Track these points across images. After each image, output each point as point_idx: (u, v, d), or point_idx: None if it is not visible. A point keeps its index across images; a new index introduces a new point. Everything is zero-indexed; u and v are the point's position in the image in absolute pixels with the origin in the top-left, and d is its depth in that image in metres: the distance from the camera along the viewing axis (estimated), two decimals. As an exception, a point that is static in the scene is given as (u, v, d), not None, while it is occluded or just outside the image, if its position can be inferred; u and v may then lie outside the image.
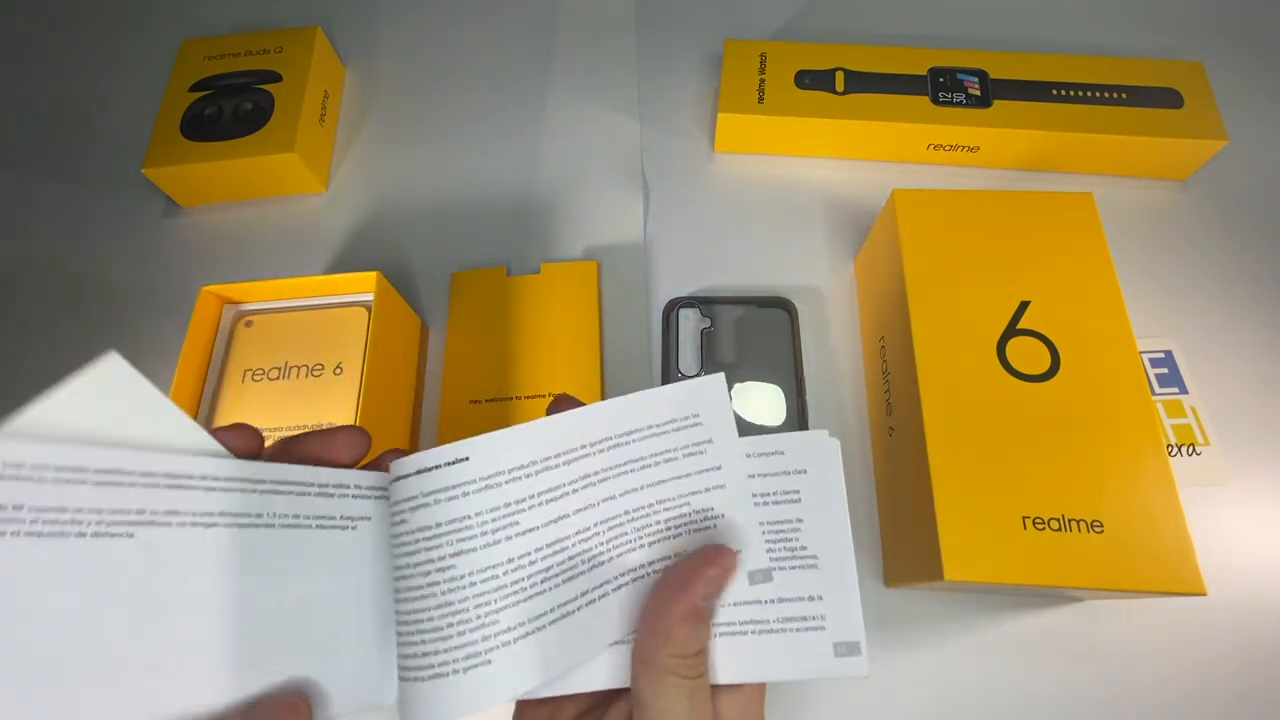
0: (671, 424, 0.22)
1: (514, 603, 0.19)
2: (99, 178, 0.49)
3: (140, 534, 0.16)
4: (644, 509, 0.21)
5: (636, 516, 0.21)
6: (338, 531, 0.19)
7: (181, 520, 0.16)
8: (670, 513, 0.22)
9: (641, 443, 0.22)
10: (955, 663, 0.33)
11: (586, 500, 0.21)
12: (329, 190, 0.48)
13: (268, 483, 0.18)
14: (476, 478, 0.20)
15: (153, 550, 0.16)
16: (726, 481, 0.22)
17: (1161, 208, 0.44)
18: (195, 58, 0.48)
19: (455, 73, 0.51)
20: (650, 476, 0.22)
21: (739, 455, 0.22)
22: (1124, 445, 0.30)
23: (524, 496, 0.20)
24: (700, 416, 0.22)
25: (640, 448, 0.22)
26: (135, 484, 0.16)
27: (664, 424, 0.22)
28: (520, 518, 0.20)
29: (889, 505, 0.35)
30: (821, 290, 0.42)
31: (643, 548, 0.21)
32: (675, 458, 0.22)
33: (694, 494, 0.22)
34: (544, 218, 0.45)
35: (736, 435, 0.23)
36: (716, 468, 0.22)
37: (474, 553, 0.19)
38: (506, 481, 0.20)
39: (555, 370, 0.39)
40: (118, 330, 0.44)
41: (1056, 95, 0.43)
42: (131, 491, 0.16)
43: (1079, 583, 0.28)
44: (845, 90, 0.44)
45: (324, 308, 0.38)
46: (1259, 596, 0.34)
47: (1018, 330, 0.32)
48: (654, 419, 0.22)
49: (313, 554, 0.19)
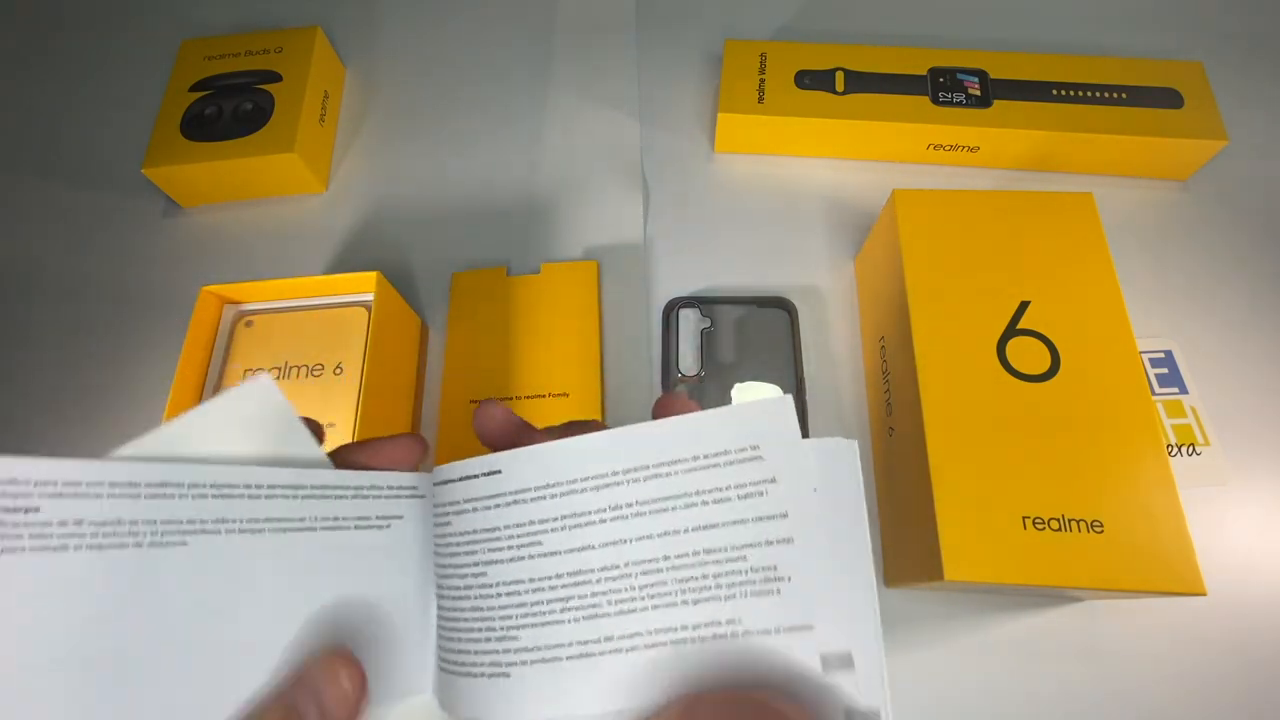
0: (724, 456, 0.18)
1: (532, 624, 0.19)
2: (99, 178, 0.49)
3: (193, 542, 0.17)
4: (687, 557, 0.18)
5: (679, 565, 0.18)
6: (374, 531, 0.20)
7: (230, 528, 0.18)
8: (721, 567, 0.18)
9: (685, 476, 0.19)
10: (955, 663, 0.33)
11: (615, 535, 0.19)
12: (329, 190, 0.48)
13: (307, 488, 0.19)
14: (507, 491, 0.20)
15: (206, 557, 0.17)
16: (795, 535, 0.18)
17: (1161, 208, 0.44)
18: (195, 58, 0.48)
19: (455, 73, 0.51)
20: (695, 519, 0.18)
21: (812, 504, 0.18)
22: (1124, 445, 0.30)
23: (547, 517, 0.19)
24: (761, 449, 0.18)
25: (682, 482, 0.19)
26: (184, 495, 0.17)
27: (714, 455, 0.19)
28: (544, 538, 0.19)
29: (889, 505, 0.35)
30: (821, 290, 0.42)
31: (686, 605, 0.18)
32: (728, 498, 0.18)
33: (752, 547, 0.18)
34: (544, 218, 0.45)
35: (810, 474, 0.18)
36: (781, 515, 0.18)
37: (502, 564, 0.19)
38: (532, 499, 0.20)
39: (555, 370, 0.39)
40: (118, 330, 0.44)
41: (1056, 95, 0.43)
42: (183, 503, 0.17)
43: (1079, 583, 0.28)
44: (845, 90, 0.44)
45: (324, 308, 0.38)
46: (1259, 596, 0.34)
47: (1018, 330, 0.32)
48: (702, 448, 0.19)
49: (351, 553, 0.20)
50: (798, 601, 0.17)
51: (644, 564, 0.18)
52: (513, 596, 0.19)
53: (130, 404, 0.41)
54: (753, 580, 0.18)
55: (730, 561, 0.18)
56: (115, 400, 0.42)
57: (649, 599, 0.18)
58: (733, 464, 0.18)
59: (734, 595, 0.18)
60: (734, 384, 0.39)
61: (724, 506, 0.18)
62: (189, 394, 0.36)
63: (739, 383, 0.39)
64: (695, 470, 0.19)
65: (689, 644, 0.18)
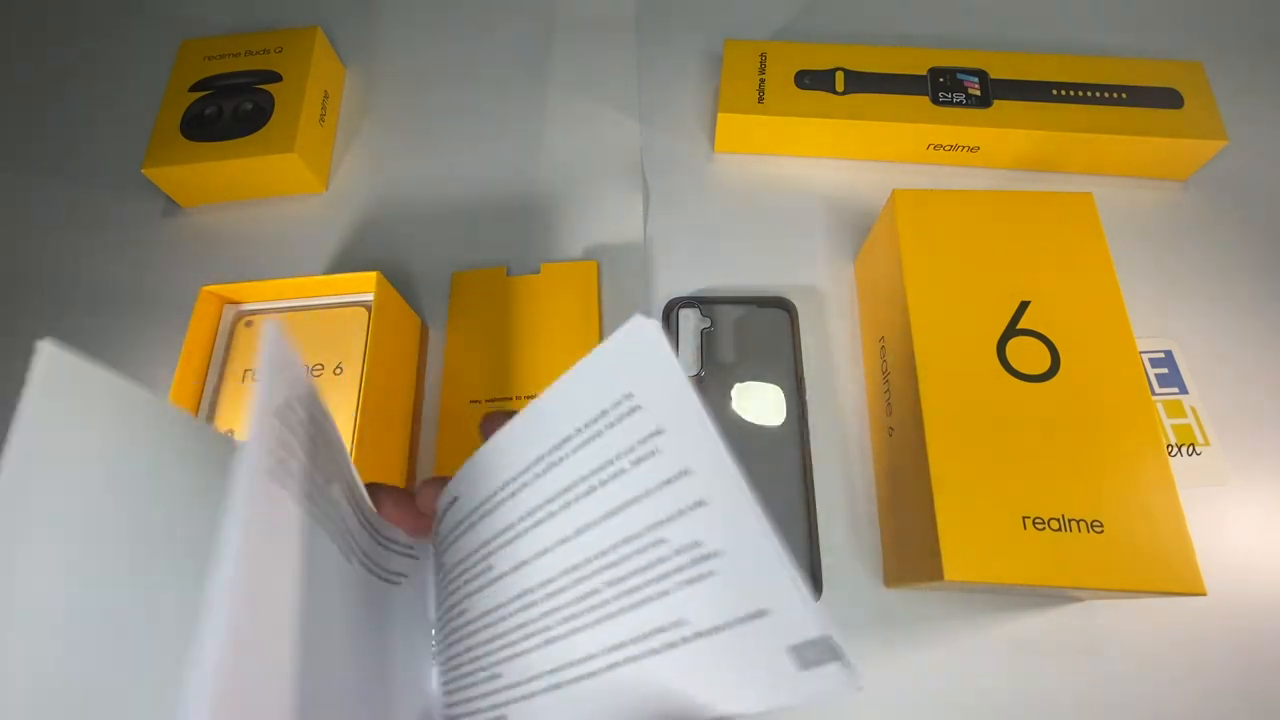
0: (603, 418, 0.15)
1: (507, 657, 0.17)
2: (99, 178, 0.49)
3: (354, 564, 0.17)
4: (608, 553, 0.15)
5: (605, 565, 0.15)
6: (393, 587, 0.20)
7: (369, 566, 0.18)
8: (644, 556, 0.15)
9: (575, 456, 0.16)
10: (955, 663, 0.33)
11: (540, 544, 0.16)
12: (329, 190, 0.48)
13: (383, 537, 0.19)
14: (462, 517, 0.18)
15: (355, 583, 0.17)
16: (706, 495, 0.14)
17: (1161, 208, 0.44)
18: (195, 58, 0.48)
19: (455, 72, 0.51)
20: (599, 505, 0.15)
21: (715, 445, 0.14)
22: (1124, 445, 0.30)
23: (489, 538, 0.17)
24: (636, 396, 0.15)
25: (575, 464, 0.16)
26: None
27: (594, 420, 0.15)
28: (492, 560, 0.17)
29: (889, 505, 0.35)
30: (821, 290, 0.42)
31: (626, 612, 0.15)
32: (623, 469, 0.15)
33: (666, 523, 0.15)
34: (544, 218, 0.45)
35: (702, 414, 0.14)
36: (682, 472, 0.14)
37: (472, 597, 0.18)
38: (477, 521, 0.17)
39: (555, 370, 0.39)
40: (118, 330, 0.44)
41: (1056, 95, 0.43)
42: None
43: (1079, 583, 0.28)
44: (845, 90, 0.44)
45: (324, 308, 0.38)
46: (1259, 596, 0.34)
47: (1018, 330, 0.32)
48: (580, 416, 0.16)
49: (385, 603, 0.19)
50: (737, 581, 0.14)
51: (573, 571, 0.16)
52: (488, 629, 0.17)
53: (130, 404, 0.41)
54: (680, 565, 0.14)
55: (651, 547, 0.15)
56: (115, 400, 0.42)
57: (591, 611, 0.16)
58: (613, 425, 0.15)
59: (667, 590, 0.15)
60: (734, 384, 0.39)
61: (620, 481, 0.15)
62: (189, 394, 0.36)
63: (739, 383, 0.39)
64: (581, 446, 0.16)
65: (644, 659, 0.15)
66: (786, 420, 0.38)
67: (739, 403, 0.38)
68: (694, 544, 0.14)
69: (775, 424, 0.38)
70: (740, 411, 0.38)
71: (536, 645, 0.16)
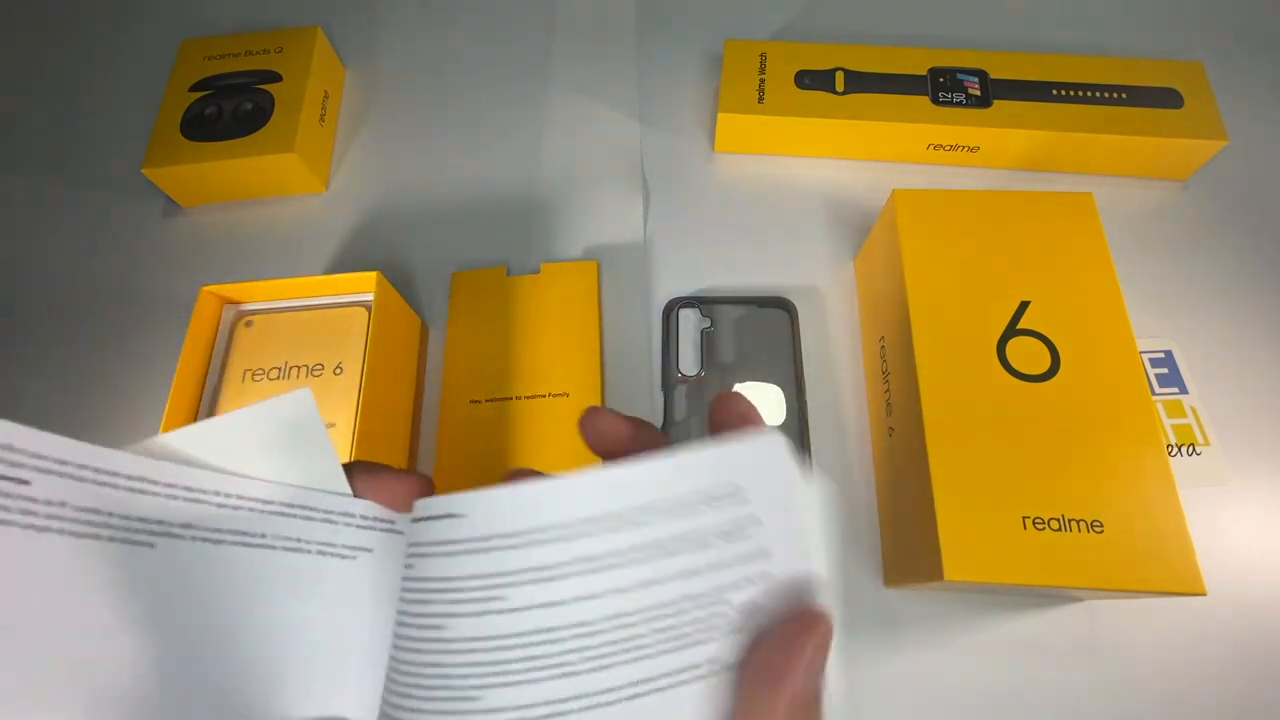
0: (704, 498, 0.17)
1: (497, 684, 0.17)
2: (99, 178, 0.49)
3: (160, 545, 0.16)
4: (665, 607, 0.17)
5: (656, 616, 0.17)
6: (337, 560, 0.19)
7: (195, 534, 0.17)
8: (703, 612, 0.17)
9: (663, 523, 0.17)
10: (955, 663, 0.33)
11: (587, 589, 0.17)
12: (329, 190, 0.48)
13: (276, 504, 0.18)
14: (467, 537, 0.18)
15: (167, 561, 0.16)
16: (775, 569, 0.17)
17: (1161, 208, 0.44)
18: (195, 58, 0.48)
19: (455, 72, 0.51)
20: (675, 567, 0.17)
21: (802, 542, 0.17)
22: (1124, 445, 0.30)
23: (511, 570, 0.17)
24: (745, 491, 0.17)
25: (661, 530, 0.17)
26: (157, 494, 0.16)
27: (693, 499, 0.17)
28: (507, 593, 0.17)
29: (889, 505, 0.35)
30: (821, 290, 0.42)
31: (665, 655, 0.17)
32: (710, 543, 0.17)
33: (734, 588, 0.17)
34: (544, 218, 0.45)
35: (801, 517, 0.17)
36: (763, 553, 0.17)
37: (462, 619, 0.18)
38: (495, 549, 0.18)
39: (555, 370, 0.39)
40: (118, 330, 0.44)
41: (1056, 95, 0.43)
42: (154, 500, 0.16)
43: (1079, 583, 0.28)
44: (845, 90, 0.44)
45: (324, 308, 0.38)
46: (1259, 596, 0.34)
47: (1018, 330, 0.32)
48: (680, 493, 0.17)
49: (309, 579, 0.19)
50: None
51: (619, 618, 0.17)
52: (473, 654, 0.17)
53: (130, 404, 0.41)
54: (733, 619, 0.17)
55: (711, 605, 0.17)
56: (115, 400, 0.42)
57: (625, 653, 0.17)
58: (714, 507, 0.17)
59: (715, 638, 0.17)
60: (734, 384, 0.39)
61: (704, 552, 0.17)
62: (188, 394, 0.36)
63: (739, 383, 0.39)
64: (674, 516, 0.17)
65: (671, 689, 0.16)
66: (786, 420, 0.38)
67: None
68: (751, 603, 0.17)
69: (775, 424, 0.38)
70: (740, 411, 0.38)
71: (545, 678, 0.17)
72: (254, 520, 0.18)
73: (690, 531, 0.17)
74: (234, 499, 0.18)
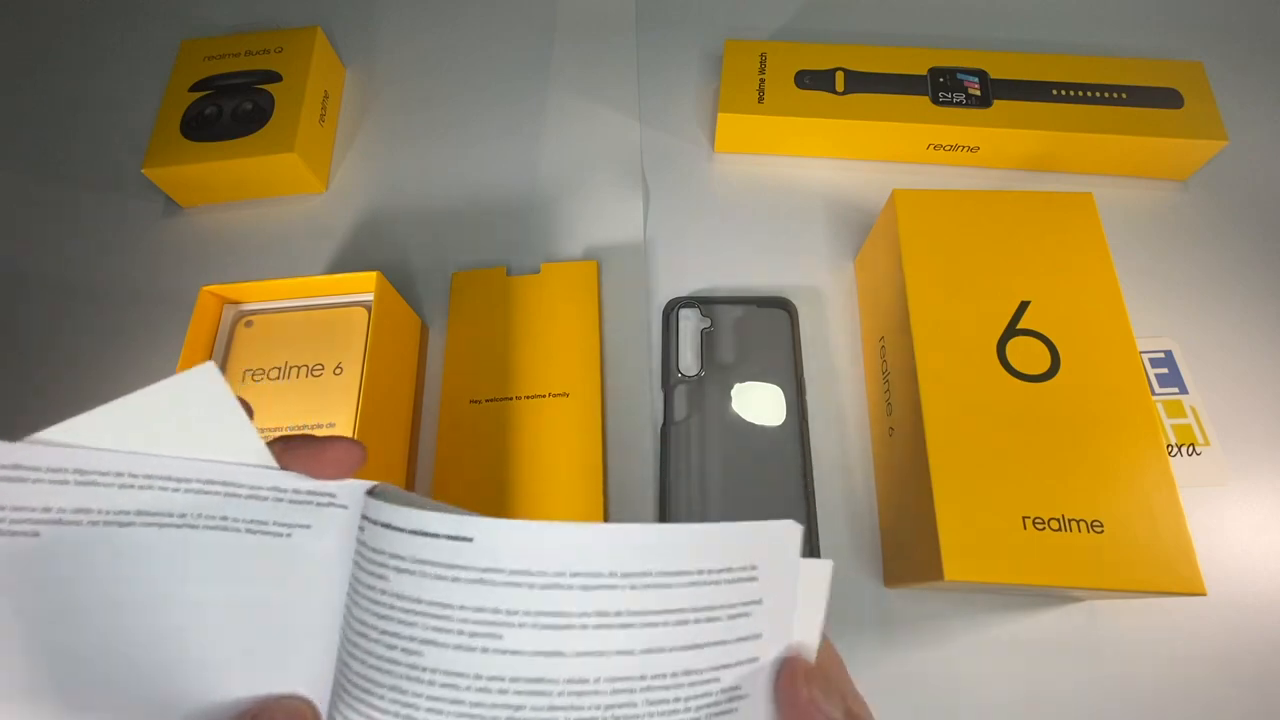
0: (726, 574, 0.17)
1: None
2: (99, 178, 0.49)
3: (45, 533, 0.15)
4: (664, 678, 0.17)
5: (654, 686, 0.17)
6: (268, 537, 0.18)
7: (92, 519, 0.16)
8: (696, 689, 0.17)
9: (683, 590, 0.17)
10: (955, 663, 0.33)
11: (594, 644, 0.16)
12: (329, 190, 0.48)
13: (192, 481, 0.17)
14: (473, 565, 0.17)
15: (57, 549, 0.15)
16: (761, 654, 0.17)
17: (1161, 208, 0.44)
18: (195, 58, 0.48)
19: (455, 72, 0.51)
20: (683, 637, 0.17)
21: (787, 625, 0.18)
22: (1124, 445, 0.30)
23: (516, 609, 0.16)
24: (758, 571, 0.17)
25: (680, 596, 0.17)
26: (40, 480, 0.15)
27: (717, 572, 0.17)
28: (505, 632, 0.16)
29: (889, 505, 0.35)
30: (821, 290, 0.42)
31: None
32: (719, 618, 0.17)
33: (726, 668, 0.17)
34: (544, 218, 0.45)
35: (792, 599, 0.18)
36: (756, 636, 0.17)
37: (444, 649, 0.16)
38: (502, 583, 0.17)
39: (555, 370, 0.39)
40: (118, 331, 0.44)
41: (1056, 95, 0.43)
42: (37, 488, 0.15)
43: (1079, 583, 0.28)
44: (845, 90, 0.44)
45: (324, 308, 0.38)
46: (1259, 596, 0.34)
47: (1018, 330, 0.32)
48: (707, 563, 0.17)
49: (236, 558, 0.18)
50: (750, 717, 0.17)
51: (618, 681, 0.16)
52: (449, 689, 0.16)
53: (130, 404, 0.41)
54: (719, 701, 0.17)
55: (705, 684, 0.17)
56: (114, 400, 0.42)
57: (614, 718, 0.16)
58: (732, 583, 0.17)
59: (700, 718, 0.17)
60: (734, 384, 0.39)
61: (713, 626, 0.17)
62: (189, 394, 0.36)
63: (739, 383, 0.39)
64: (697, 585, 0.17)
65: None
66: (786, 420, 0.38)
67: (739, 403, 0.38)
68: (735, 687, 0.17)
69: (775, 424, 0.38)
70: (740, 411, 0.38)
71: None
72: (166, 500, 0.17)
73: (705, 604, 0.17)
74: (140, 479, 0.16)
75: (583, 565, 0.16)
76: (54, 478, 0.15)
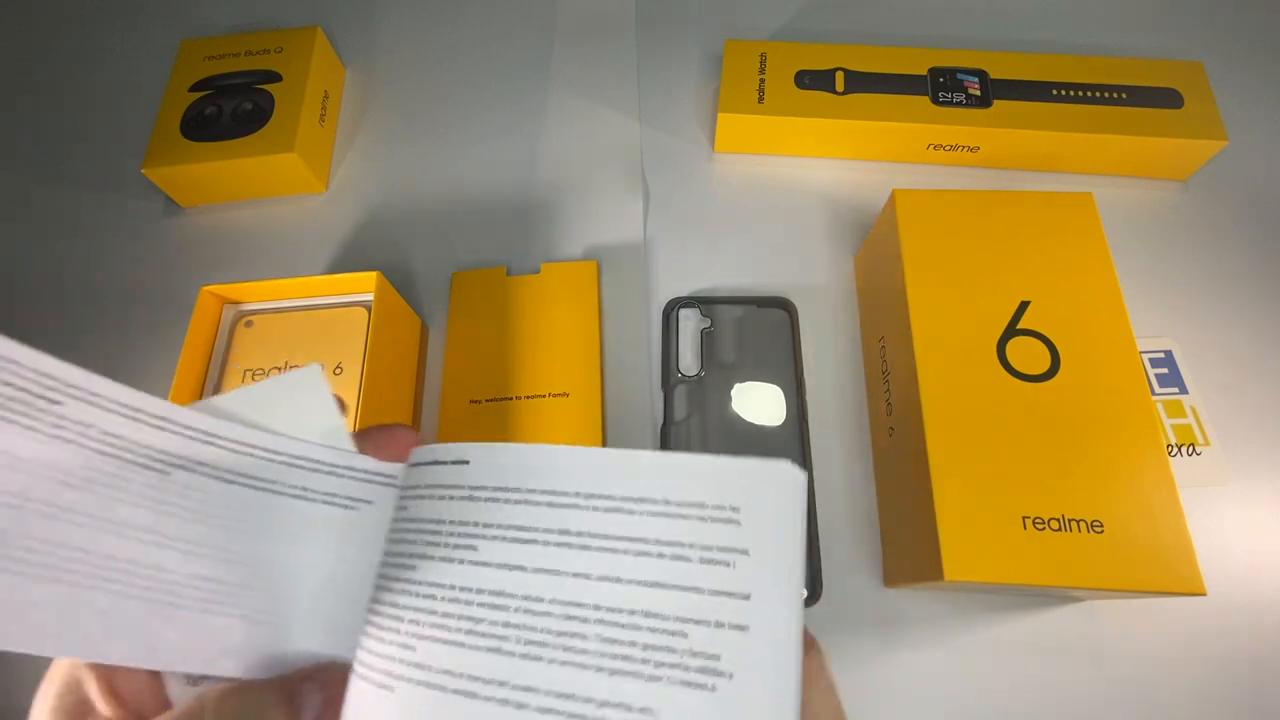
0: (696, 508, 0.16)
1: (433, 638, 0.16)
2: (99, 178, 0.49)
3: (174, 474, 0.18)
4: (621, 614, 0.15)
5: (608, 620, 0.15)
6: (338, 509, 0.21)
7: (207, 472, 0.19)
8: (655, 638, 0.15)
9: (649, 520, 0.16)
10: (955, 663, 0.33)
11: (552, 562, 0.16)
12: (329, 190, 0.48)
13: (284, 455, 0.20)
14: (465, 484, 0.18)
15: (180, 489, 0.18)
16: (753, 623, 0.15)
17: (1161, 208, 0.44)
18: (195, 58, 0.48)
19: (455, 73, 0.51)
20: (643, 571, 0.16)
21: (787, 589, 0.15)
22: (1124, 445, 0.30)
23: (491, 522, 0.17)
24: (741, 514, 0.16)
25: (642, 524, 0.16)
26: (178, 433, 0.18)
27: (687, 505, 0.16)
28: (480, 544, 0.17)
29: (889, 505, 0.35)
30: (821, 290, 0.42)
31: (600, 673, 0.15)
32: (686, 558, 0.15)
33: (698, 624, 0.15)
34: (544, 218, 0.45)
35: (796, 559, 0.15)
36: (743, 596, 0.15)
37: (431, 561, 0.17)
38: (484, 499, 0.17)
39: (555, 370, 0.39)
40: (118, 331, 0.44)
41: (1056, 95, 0.43)
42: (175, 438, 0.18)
43: (1079, 583, 0.28)
44: (845, 90, 0.44)
45: (324, 308, 0.38)
46: (1259, 596, 0.34)
47: (1018, 330, 0.32)
48: (675, 494, 0.16)
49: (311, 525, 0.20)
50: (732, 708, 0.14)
51: (570, 606, 0.16)
52: (427, 600, 0.17)
53: (130, 404, 0.41)
54: (686, 665, 0.15)
55: (668, 635, 0.15)
56: (115, 400, 0.42)
57: (562, 650, 0.15)
58: (704, 520, 0.16)
59: (658, 677, 0.15)
60: (734, 384, 0.39)
61: (679, 566, 0.15)
62: (188, 394, 0.36)
63: (739, 383, 0.39)
64: (660, 516, 0.16)
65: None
66: (786, 420, 0.38)
67: (739, 403, 0.38)
68: (713, 655, 0.15)
69: (775, 424, 0.38)
70: (740, 411, 0.38)
71: (476, 647, 0.16)
72: (263, 467, 0.19)
73: (670, 538, 0.16)
74: (245, 447, 0.19)
75: (551, 483, 0.17)
76: (186, 433, 0.18)
